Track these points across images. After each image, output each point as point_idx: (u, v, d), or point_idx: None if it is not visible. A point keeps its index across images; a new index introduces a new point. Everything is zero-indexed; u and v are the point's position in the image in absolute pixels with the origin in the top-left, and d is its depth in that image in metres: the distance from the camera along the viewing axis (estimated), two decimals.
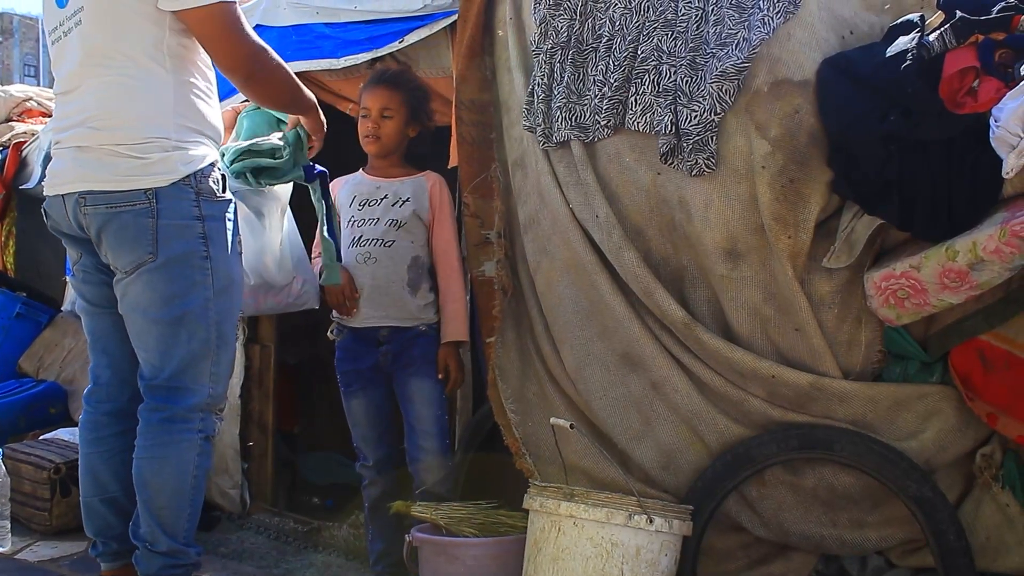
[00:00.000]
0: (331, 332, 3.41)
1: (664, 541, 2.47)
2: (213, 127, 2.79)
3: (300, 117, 3.10)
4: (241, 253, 2.90)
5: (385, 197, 3.31)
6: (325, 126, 3.16)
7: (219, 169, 2.78)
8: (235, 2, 2.68)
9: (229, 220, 2.79)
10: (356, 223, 3.33)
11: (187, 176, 2.65)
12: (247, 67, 2.74)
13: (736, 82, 2.44)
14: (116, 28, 2.64)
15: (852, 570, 2.66)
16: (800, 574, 2.68)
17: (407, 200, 3.30)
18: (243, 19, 2.71)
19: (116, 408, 2.88)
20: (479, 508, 2.95)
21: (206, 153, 2.72)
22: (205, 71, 2.79)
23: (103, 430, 2.89)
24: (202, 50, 2.75)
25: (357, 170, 3.43)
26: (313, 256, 3.43)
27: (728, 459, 2.62)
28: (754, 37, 2.42)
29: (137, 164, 2.61)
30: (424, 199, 3.29)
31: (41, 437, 4.43)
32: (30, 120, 6.17)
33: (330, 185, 3.36)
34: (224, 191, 2.77)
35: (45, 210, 2.83)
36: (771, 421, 2.59)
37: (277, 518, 3.96)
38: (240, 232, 2.90)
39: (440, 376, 3.25)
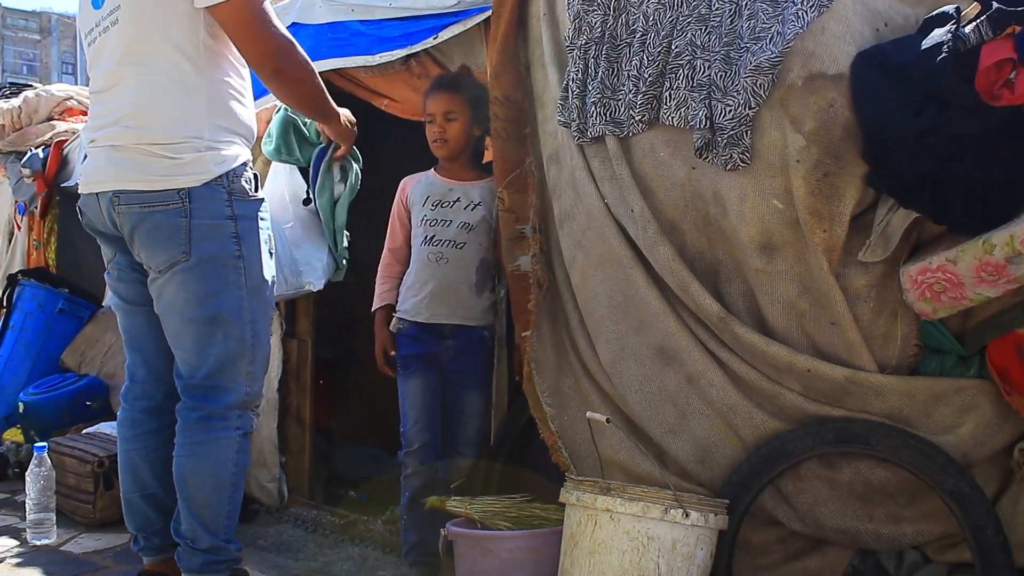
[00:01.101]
0: (394, 325, 3.47)
1: (700, 535, 2.48)
2: (246, 126, 2.82)
3: (324, 127, 3.13)
4: (273, 252, 2.92)
5: (458, 200, 3.40)
6: (354, 129, 3.19)
7: (251, 168, 2.80)
8: None
9: (262, 219, 2.82)
10: (429, 223, 3.41)
11: (220, 176, 2.69)
12: (275, 61, 2.76)
13: (770, 76, 2.43)
14: (153, 27, 2.67)
15: (888, 565, 2.65)
16: (836, 569, 2.67)
17: (478, 204, 3.39)
18: (272, 14, 2.74)
19: (152, 405, 2.93)
20: (513, 502, 2.97)
21: (239, 153, 2.76)
22: (240, 70, 2.82)
23: (140, 427, 2.93)
24: (236, 50, 2.78)
25: (390, 166, 3.48)
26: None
27: (764, 453, 2.61)
28: (788, 31, 2.41)
29: (171, 164, 2.64)
30: (494, 203, 3.35)
31: (84, 431, 4.51)
32: (71, 119, 6.25)
33: (401, 183, 3.50)
34: (256, 190, 2.80)
35: (80, 208, 2.87)
36: (807, 415, 2.58)
37: (314, 511, 4.00)
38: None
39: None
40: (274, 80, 2.82)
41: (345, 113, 3.22)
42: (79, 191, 2.85)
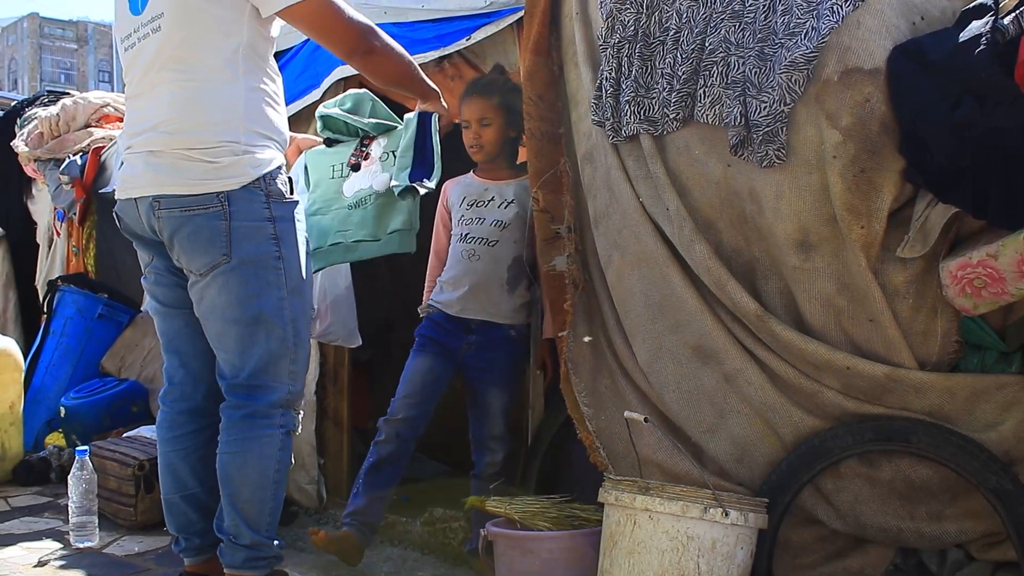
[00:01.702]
0: (423, 308, 3.53)
1: (740, 534, 2.47)
2: (280, 132, 2.85)
3: (425, 103, 3.14)
4: (309, 253, 2.94)
5: (492, 199, 3.45)
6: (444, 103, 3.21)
7: (285, 171, 2.83)
8: None
9: (298, 220, 2.85)
10: (464, 221, 3.47)
11: (257, 179, 2.71)
12: (365, 43, 2.82)
13: (806, 72, 2.41)
14: (197, 34, 2.69)
15: (931, 564, 2.62)
16: (878, 568, 2.65)
17: (511, 202, 3.43)
18: (343, 2, 2.77)
19: (191, 407, 2.96)
20: (553, 502, 2.97)
21: (273, 156, 2.78)
22: (274, 77, 2.85)
23: (179, 428, 2.96)
24: (271, 57, 2.81)
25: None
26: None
27: (803, 451, 2.60)
28: (823, 26, 2.39)
29: (209, 168, 2.67)
30: (528, 201, 3.38)
31: (124, 434, 4.55)
32: (108, 125, 6.30)
33: (444, 187, 3.52)
34: (292, 192, 2.83)
35: (117, 213, 2.90)
36: (846, 413, 2.56)
37: None
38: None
39: (538, 371, 3.39)
40: (368, 61, 2.88)
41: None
42: (116, 196, 2.88)
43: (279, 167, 2.79)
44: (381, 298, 4.77)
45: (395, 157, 3.25)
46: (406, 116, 3.31)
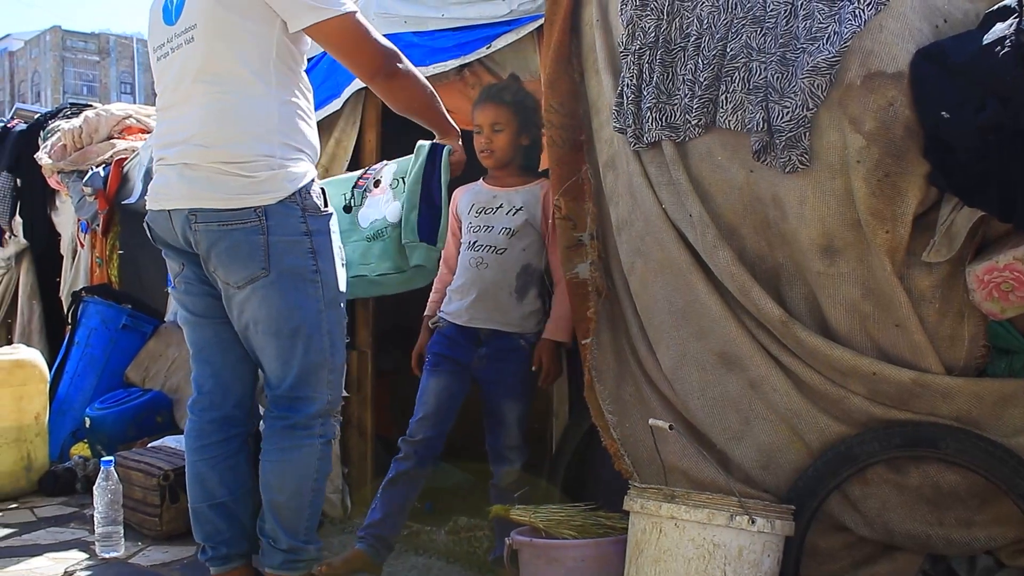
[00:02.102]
0: (434, 321, 3.52)
1: (766, 542, 2.45)
2: (312, 146, 2.87)
3: (443, 137, 3.16)
4: (344, 264, 2.96)
5: (500, 206, 3.42)
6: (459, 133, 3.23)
7: (318, 184, 2.84)
8: (358, 11, 2.76)
9: (333, 233, 2.87)
10: (472, 229, 3.45)
11: (293, 193, 2.73)
12: (387, 66, 2.84)
13: (828, 76, 2.40)
14: (229, 47, 2.71)
15: (960, 570, 2.60)
16: (906, 574, 2.63)
17: (520, 209, 3.40)
18: (369, 25, 2.80)
19: (220, 416, 2.98)
20: (577, 510, 2.96)
21: (307, 170, 2.80)
22: (306, 92, 2.87)
23: (208, 437, 2.99)
24: (303, 71, 2.83)
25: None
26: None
27: (829, 458, 2.58)
28: (845, 30, 2.38)
29: (246, 183, 2.68)
30: (537, 208, 3.38)
31: (149, 445, 4.57)
32: (130, 137, 6.35)
33: (454, 194, 3.50)
34: (326, 205, 2.84)
35: (148, 223, 2.92)
36: (873, 419, 2.54)
37: None
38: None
39: (534, 368, 3.33)
40: (388, 86, 2.90)
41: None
42: (147, 207, 2.90)
43: (313, 180, 2.81)
44: (404, 306, 4.77)
45: (405, 185, 3.26)
46: (419, 143, 3.31)
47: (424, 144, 3.26)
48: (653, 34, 2.84)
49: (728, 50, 2.65)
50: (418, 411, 3.43)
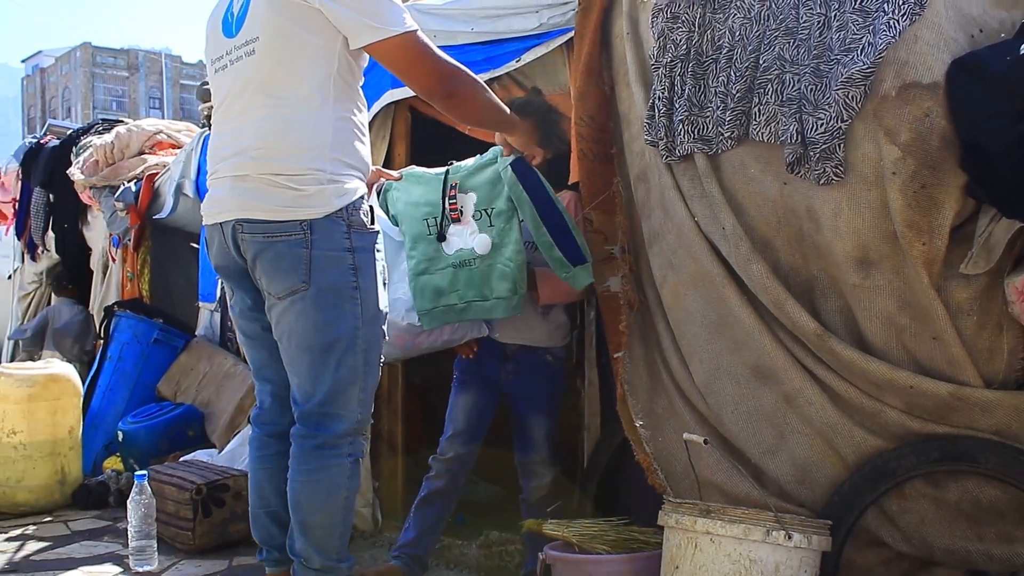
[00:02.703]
0: None
1: (803, 557, 2.43)
2: (364, 163, 2.86)
3: (510, 137, 3.13)
4: (387, 284, 2.96)
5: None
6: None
7: (367, 201, 2.83)
8: (418, 29, 2.74)
9: (378, 251, 2.87)
10: None
11: (340, 209, 2.72)
12: (446, 85, 2.79)
13: (863, 88, 2.39)
14: (289, 61, 2.71)
15: None
16: None
17: None
18: (430, 42, 2.77)
19: (279, 430, 3.02)
20: (611, 525, 2.95)
21: (357, 186, 2.79)
22: (362, 107, 2.87)
23: (266, 449, 3.04)
24: (360, 89, 2.83)
25: None
26: None
27: (866, 472, 2.56)
28: (880, 41, 2.36)
29: (294, 195, 2.68)
30: None
31: (181, 458, 4.59)
32: (161, 152, 6.39)
33: None
34: (373, 223, 2.84)
35: (207, 240, 2.94)
36: (910, 433, 2.52)
37: None
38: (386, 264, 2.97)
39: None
40: (449, 103, 2.86)
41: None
42: (204, 223, 2.92)
43: (362, 197, 2.81)
44: None
45: (490, 217, 3.25)
46: (495, 163, 3.28)
47: (503, 169, 3.24)
48: (684, 46, 2.83)
49: (761, 62, 2.64)
50: (448, 429, 3.44)
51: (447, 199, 3.32)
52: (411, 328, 3.32)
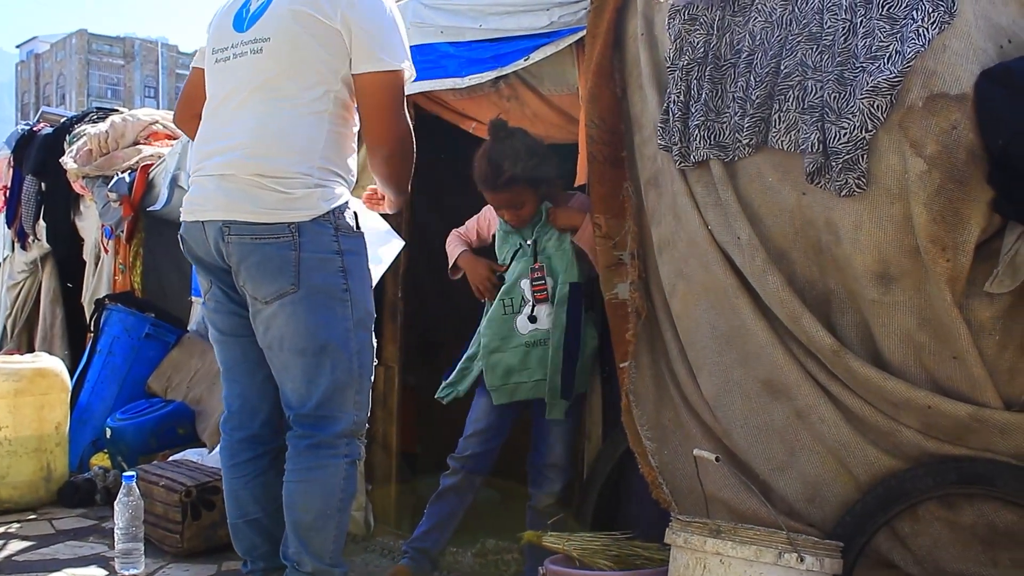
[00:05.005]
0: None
1: None
2: (351, 173, 2.88)
3: (393, 200, 3.09)
4: (373, 286, 2.94)
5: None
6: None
7: (351, 207, 2.83)
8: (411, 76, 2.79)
9: (364, 254, 2.86)
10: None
11: (327, 212, 2.72)
12: (392, 147, 2.82)
13: (888, 97, 2.31)
14: (297, 68, 2.73)
15: None
16: None
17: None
18: (403, 99, 2.79)
19: (249, 435, 2.99)
20: (614, 539, 2.88)
21: (342, 192, 2.80)
22: (353, 126, 2.87)
23: (238, 456, 2.99)
24: (355, 108, 2.84)
25: (477, 190, 3.44)
26: None
27: (879, 492, 2.49)
28: (907, 50, 2.29)
29: (282, 198, 2.68)
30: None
31: (170, 457, 4.52)
32: (156, 143, 6.31)
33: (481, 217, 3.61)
34: (358, 227, 2.83)
35: (182, 236, 2.90)
36: (925, 453, 2.45)
37: (401, 541, 3.93)
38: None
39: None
40: (381, 160, 2.86)
41: None
42: (183, 218, 2.88)
43: (346, 202, 2.81)
44: (430, 322, 4.71)
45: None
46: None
47: (559, 285, 3.34)
48: (702, 49, 2.76)
49: (782, 67, 2.57)
50: (468, 428, 3.47)
51: (536, 277, 3.39)
52: None
